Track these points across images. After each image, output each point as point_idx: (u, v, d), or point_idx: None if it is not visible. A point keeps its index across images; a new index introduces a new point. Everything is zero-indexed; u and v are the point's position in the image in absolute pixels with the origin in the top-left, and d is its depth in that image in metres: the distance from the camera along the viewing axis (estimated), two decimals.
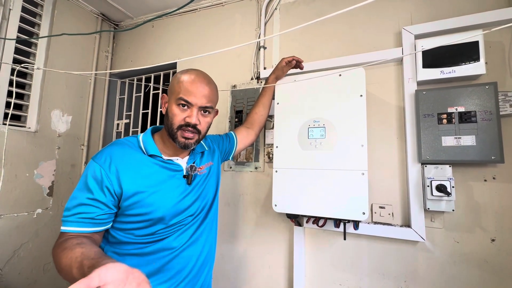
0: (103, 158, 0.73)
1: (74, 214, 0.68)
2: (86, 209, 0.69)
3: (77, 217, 0.68)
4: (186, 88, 0.77)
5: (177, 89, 0.78)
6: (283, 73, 1.16)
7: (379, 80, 1.21)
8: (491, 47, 1.04)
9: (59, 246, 0.63)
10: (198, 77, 0.80)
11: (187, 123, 0.77)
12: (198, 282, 0.85)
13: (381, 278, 1.12)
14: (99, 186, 0.70)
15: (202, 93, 0.78)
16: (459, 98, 1.00)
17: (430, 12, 1.15)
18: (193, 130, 0.78)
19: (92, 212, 0.69)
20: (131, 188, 0.72)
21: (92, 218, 0.69)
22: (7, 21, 1.38)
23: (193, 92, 0.77)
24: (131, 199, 0.72)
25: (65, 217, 0.69)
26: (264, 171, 1.40)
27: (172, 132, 0.78)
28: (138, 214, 0.74)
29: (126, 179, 0.72)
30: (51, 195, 1.60)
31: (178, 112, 0.77)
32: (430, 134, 1.03)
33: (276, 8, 1.49)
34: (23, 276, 1.46)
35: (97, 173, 0.71)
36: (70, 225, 0.68)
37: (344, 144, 1.01)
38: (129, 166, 0.74)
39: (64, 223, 0.68)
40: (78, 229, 0.67)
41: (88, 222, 0.69)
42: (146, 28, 1.90)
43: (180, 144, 0.78)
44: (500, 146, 0.93)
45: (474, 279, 1.00)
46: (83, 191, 0.70)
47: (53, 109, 1.62)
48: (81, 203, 0.69)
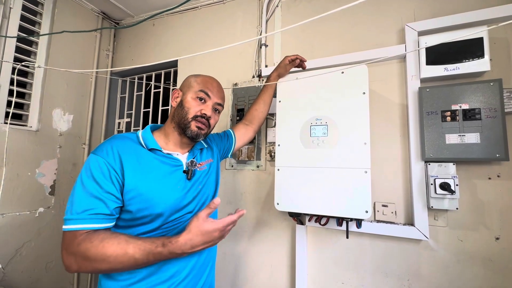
0: (105, 150, 0.72)
1: (85, 211, 0.66)
2: (97, 204, 0.67)
3: (88, 214, 0.66)
4: (206, 85, 0.86)
5: (196, 84, 0.86)
6: (286, 71, 1.15)
7: (382, 78, 1.20)
8: (496, 44, 1.03)
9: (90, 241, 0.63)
10: (215, 81, 0.91)
11: (203, 115, 0.83)
12: (200, 280, 0.84)
13: (384, 277, 1.12)
14: (107, 177, 0.69)
15: (218, 93, 0.89)
16: (463, 95, 0.99)
17: (433, 9, 1.14)
18: (206, 122, 0.85)
19: (104, 207, 0.67)
20: (133, 181, 0.72)
21: (104, 213, 0.67)
22: (7, 20, 1.38)
23: (213, 89, 0.87)
24: (131, 193, 0.71)
25: (73, 214, 0.65)
26: (265, 170, 1.40)
27: (185, 121, 0.82)
28: (137, 210, 0.73)
29: (128, 171, 0.72)
30: (53, 194, 1.60)
31: (195, 104, 0.84)
32: (433, 131, 1.02)
33: (278, 5, 1.48)
34: (25, 275, 1.46)
35: (102, 165, 0.69)
36: (83, 222, 0.65)
37: (346, 142, 1.00)
38: (131, 159, 0.74)
39: (74, 221, 0.65)
40: (92, 226, 0.65)
41: (102, 218, 0.67)
42: (147, 26, 1.89)
43: (192, 133, 0.82)
44: (505, 143, 0.92)
45: (478, 277, 0.99)
46: (92, 185, 0.67)
47: (54, 108, 1.62)
48: (92, 196, 0.67)
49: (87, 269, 0.63)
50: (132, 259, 0.62)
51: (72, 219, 0.65)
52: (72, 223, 0.65)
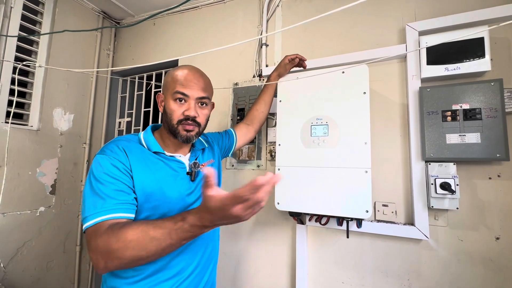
0: (111, 149, 0.73)
1: (104, 204, 0.63)
2: (116, 194, 0.65)
3: (109, 205, 0.63)
4: (181, 81, 0.78)
5: (172, 85, 0.79)
6: (286, 70, 1.15)
7: (382, 77, 1.20)
8: (497, 44, 1.03)
9: (111, 231, 0.58)
10: (191, 71, 0.81)
11: (186, 117, 0.78)
12: (203, 278, 0.85)
13: (384, 276, 1.12)
14: (121, 170, 0.68)
15: (197, 85, 0.79)
16: (463, 95, 0.99)
17: (434, 8, 1.14)
18: (193, 123, 0.79)
19: (125, 195, 0.67)
20: (139, 180, 0.72)
21: (126, 202, 0.65)
22: (8, 19, 1.38)
23: (189, 85, 0.78)
24: (138, 191, 0.72)
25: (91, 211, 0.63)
26: (266, 169, 1.40)
27: (172, 128, 0.79)
28: (142, 209, 0.73)
29: (136, 170, 0.72)
30: (53, 193, 1.61)
31: (176, 107, 0.78)
32: (434, 131, 1.02)
33: (278, 5, 1.48)
34: (26, 274, 1.46)
35: (113, 161, 0.69)
36: (102, 214, 0.62)
37: (347, 141, 1.00)
38: (137, 158, 0.74)
39: (92, 216, 0.62)
40: (112, 215, 0.63)
41: (123, 207, 0.65)
42: (147, 26, 1.89)
43: (182, 138, 0.79)
44: (506, 143, 0.92)
45: (478, 277, 0.99)
46: (105, 182, 0.66)
47: (55, 107, 1.62)
48: (110, 190, 0.65)
49: (113, 262, 0.57)
50: (154, 241, 0.56)
51: (91, 215, 0.63)
52: (91, 218, 0.62)
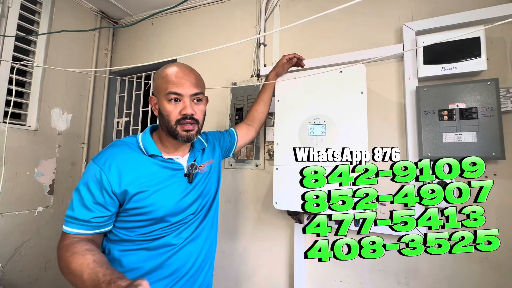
0: (103, 159, 0.74)
1: (73, 215, 0.71)
2: (83, 212, 0.71)
3: (73, 219, 0.70)
4: (172, 81, 0.76)
5: (163, 86, 0.77)
6: (284, 70, 1.15)
7: (380, 77, 1.21)
8: (493, 43, 1.04)
9: (66, 249, 0.66)
10: (180, 68, 0.79)
11: (184, 116, 0.76)
12: (199, 278, 0.85)
13: (382, 275, 1.12)
14: (99, 189, 0.71)
15: (189, 82, 0.78)
16: (460, 95, 1.00)
17: (431, 8, 1.15)
18: (192, 121, 0.78)
19: (88, 214, 0.71)
20: (133, 188, 0.73)
21: (84, 220, 0.70)
22: (6, 19, 1.38)
23: (180, 83, 0.76)
24: (132, 200, 0.73)
25: (67, 217, 0.71)
26: (264, 169, 1.40)
27: (171, 129, 0.78)
28: (139, 214, 0.74)
29: (127, 180, 0.72)
30: (52, 193, 1.61)
31: (172, 108, 0.77)
32: (431, 130, 1.03)
33: (276, 5, 1.49)
34: (24, 274, 1.46)
35: (97, 175, 0.72)
36: (74, 226, 0.70)
37: (344, 141, 1.00)
38: (130, 167, 0.74)
39: (67, 223, 0.71)
40: (81, 231, 0.70)
41: (91, 225, 0.71)
42: (146, 25, 1.89)
43: (182, 139, 0.78)
44: (501, 142, 0.93)
45: (475, 275, 1.00)
46: (85, 194, 0.71)
47: (53, 107, 1.62)
48: (82, 204, 0.71)
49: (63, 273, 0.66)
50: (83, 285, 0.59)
51: (68, 219, 0.71)
52: (66, 223, 0.71)
